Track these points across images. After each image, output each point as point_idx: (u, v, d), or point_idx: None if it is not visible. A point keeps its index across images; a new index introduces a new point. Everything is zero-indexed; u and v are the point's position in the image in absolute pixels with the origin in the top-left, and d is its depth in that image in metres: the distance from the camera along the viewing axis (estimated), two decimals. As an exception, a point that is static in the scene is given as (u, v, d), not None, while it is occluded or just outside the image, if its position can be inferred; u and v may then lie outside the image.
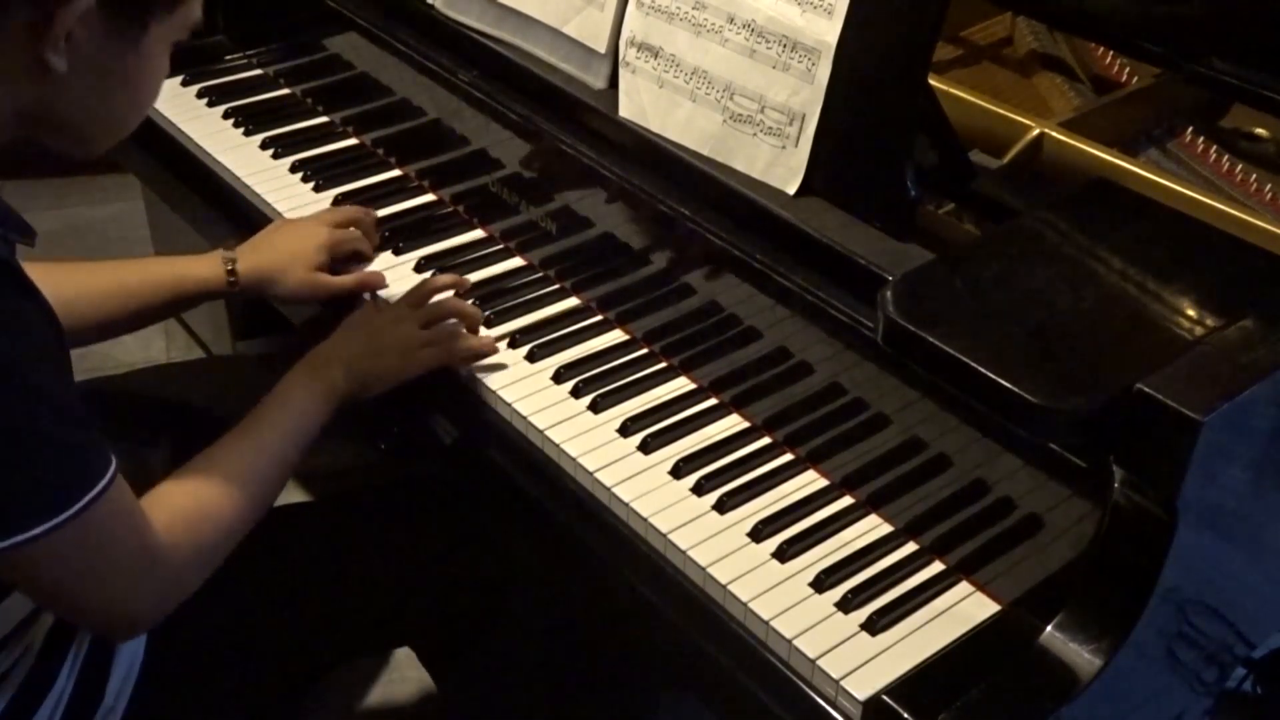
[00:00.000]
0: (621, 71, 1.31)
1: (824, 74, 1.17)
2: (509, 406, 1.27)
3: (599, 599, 1.23)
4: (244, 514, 1.10)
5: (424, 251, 1.49)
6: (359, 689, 1.30)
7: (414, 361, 1.28)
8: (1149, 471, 0.93)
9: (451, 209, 1.57)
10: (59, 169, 2.73)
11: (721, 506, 1.16)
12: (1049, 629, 0.97)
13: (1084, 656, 0.95)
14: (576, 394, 1.28)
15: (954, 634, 1.05)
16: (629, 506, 1.16)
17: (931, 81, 1.22)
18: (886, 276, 1.08)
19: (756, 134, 1.22)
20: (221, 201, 1.62)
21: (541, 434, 1.23)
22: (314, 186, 1.59)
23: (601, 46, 1.33)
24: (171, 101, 1.71)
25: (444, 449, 1.31)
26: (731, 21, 1.23)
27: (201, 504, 1.08)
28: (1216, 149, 1.31)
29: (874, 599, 1.08)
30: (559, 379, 1.30)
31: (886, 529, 1.15)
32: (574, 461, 1.21)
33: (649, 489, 1.17)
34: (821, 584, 1.09)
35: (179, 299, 1.38)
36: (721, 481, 1.18)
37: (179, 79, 1.76)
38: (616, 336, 1.37)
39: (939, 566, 1.12)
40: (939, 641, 1.04)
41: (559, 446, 1.22)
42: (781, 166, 1.21)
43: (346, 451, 1.70)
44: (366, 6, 1.61)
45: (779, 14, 1.19)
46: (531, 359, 1.32)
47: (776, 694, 1.04)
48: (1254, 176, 1.27)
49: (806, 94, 1.18)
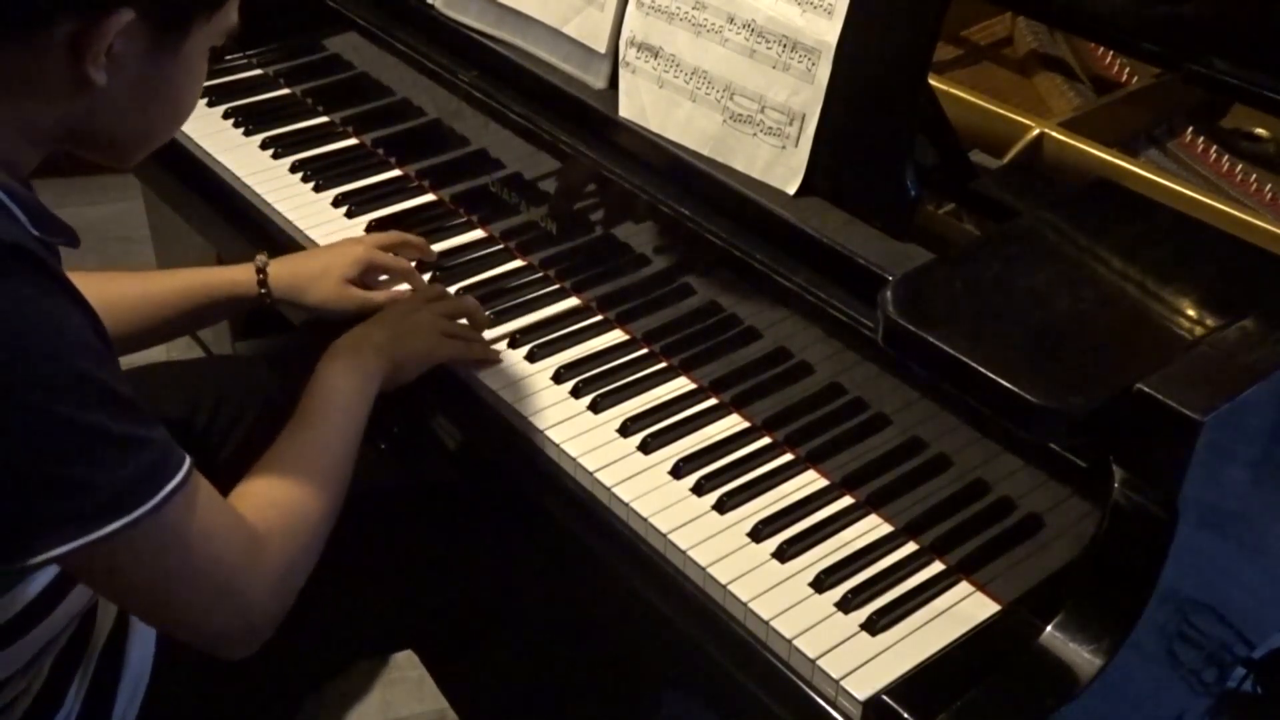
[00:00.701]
0: (621, 71, 1.31)
1: (824, 74, 1.17)
2: (509, 406, 1.27)
3: (600, 599, 1.23)
4: (326, 509, 1.08)
5: (424, 251, 1.49)
6: (360, 689, 1.30)
7: (441, 346, 1.28)
8: (1149, 471, 0.93)
9: (451, 209, 1.57)
10: (59, 169, 2.72)
11: (721, 506, 1.16)
12: (1049, 629, 0.97)
13: (1084, 656, 0.95)
14: (576, 394, 1.28)
15: (954, 634, 1.05)
16: (629, 507, 1.16)
17: (931, 81, 1.22)
18: (886, 276, 1.08)
19: (756, 134, 1.22)
20: (221, 201, 1.62)
21: (541, 434, 1.23)
22: (314, 186, 1.59)
23: (601, 46, 1.33)
24: (171, 101, 1.72)
25: (444, 450, 1.32)
26: (731, 21, 1.23)
27: (290, 502, 1.05)
28: (1216, 149, 1.31)
29: (874, 599, 1.08)
30: (559, 379, 1.30)
31: (886, 529, 1.15)
32: (574, 461, 1.21)
33: (649, 489, 1.18)
34: (821, 584, 1.09)
35: (209, 306, 1.37)
36: (721, 481, 1.19)
37: (179, 79, 1.76)
38: (616, 336, 1.37)
39: (939, 566, 1.12)
40: (939, 641, 1.04)
41: (559, 446, 1.22)
42: (781, 166, 1.21)
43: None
44: (366, 6, 1.61)
45: (779, 14, 1.19)
46: (531, 359, 1.32)
47: (776, 694, 1.04)
48: (1254, 176, 1.27)
49: (806, 94, 1.18)
